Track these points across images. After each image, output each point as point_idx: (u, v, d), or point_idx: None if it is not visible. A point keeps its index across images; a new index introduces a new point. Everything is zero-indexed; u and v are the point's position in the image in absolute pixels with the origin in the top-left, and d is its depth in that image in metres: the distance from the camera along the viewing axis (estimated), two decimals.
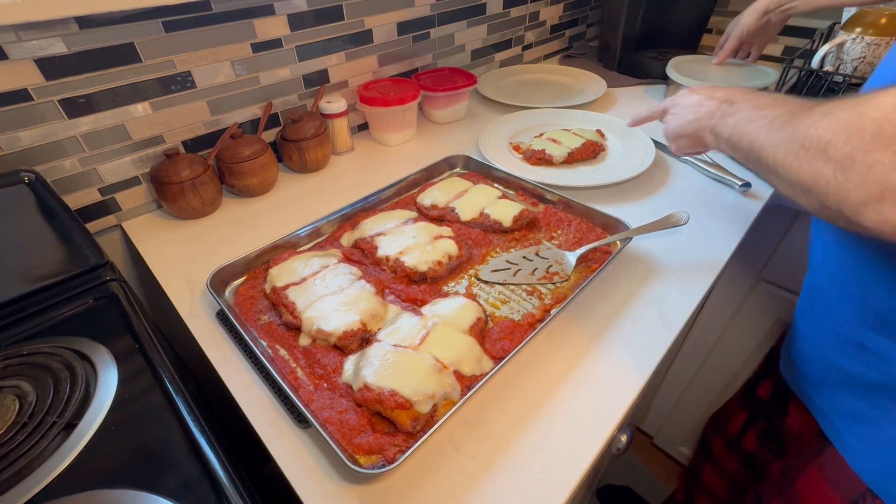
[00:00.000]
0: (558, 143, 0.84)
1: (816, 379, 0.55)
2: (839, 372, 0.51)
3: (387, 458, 0.41)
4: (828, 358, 0.52)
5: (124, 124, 0.68)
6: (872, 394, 0.47)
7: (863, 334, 0.46)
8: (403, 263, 0.59)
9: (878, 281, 0.43)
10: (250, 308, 0.56)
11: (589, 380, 0.49)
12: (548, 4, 1.27)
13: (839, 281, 0.49)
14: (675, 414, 1.25)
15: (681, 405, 1.22)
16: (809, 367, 0.56)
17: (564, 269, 0.61)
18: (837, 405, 0.52)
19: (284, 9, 0.76)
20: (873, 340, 0.45)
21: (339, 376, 0.48)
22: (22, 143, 0.60)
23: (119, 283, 0.61)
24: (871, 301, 0.45)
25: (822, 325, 0.53)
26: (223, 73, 0.74)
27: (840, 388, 0.51)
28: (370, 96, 0.87)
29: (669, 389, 1.21)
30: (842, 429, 0.51)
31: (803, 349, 0.57)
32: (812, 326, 0.55)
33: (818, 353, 0.54)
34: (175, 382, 0.48)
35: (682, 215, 0.62)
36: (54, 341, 0.51)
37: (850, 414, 0.50)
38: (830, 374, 0.52)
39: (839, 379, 0.51)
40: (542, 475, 0.41)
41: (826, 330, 0.52)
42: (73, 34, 0.59)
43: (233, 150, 0.73)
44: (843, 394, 0.51)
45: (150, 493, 0.39)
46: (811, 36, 1.11)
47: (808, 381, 0.57)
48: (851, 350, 0.48)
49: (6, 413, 0.44)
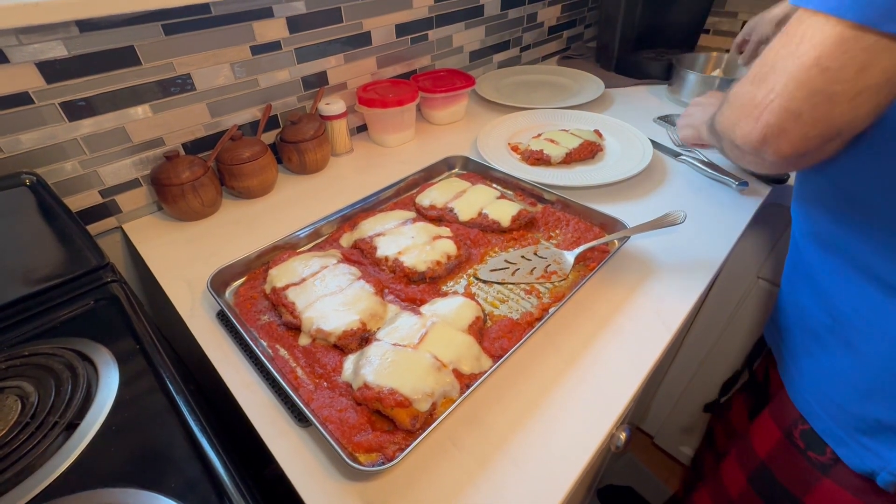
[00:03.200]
0: (556, 143, 0.85)
1: (785, 325, 0.59)
2: (800, 310, 0.56)
3: (386, 455, 0.41)
4: (796, 301, 0.57)
5: (124, 127, 0.68)
6: (823, 330, 0.52)
7: (817, 267, 0.52)
8: (402, 263, 0.60)
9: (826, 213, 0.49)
10: (250, 308, 0.56)
11: (587, 378, 0.49)
12: (546, 6, 1.27)
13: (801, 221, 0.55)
14: (676, 413, 1.25)
15: (681, 405, 1.22)
16: (782, 315, 0.61)
17: (562, 269, 0.61)
18: (794, 346, 0.57)
19: (283, 11, 0.76)
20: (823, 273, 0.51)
21: (339, 375, 0.48)
22: (23, 145, 0.60)
23: (120, 284, 0.61)
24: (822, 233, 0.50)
25: (795, 267, 0.58)
26: (223, 76, 0.74)
27: (799, 327, 0.56)
28: (369, 98, 0.87)
29: (669, 389, 1.22)
30: (791, 366, 0.57)
31: (781, 301, 0.62)
32: (789, 276, 0.60)
33: (790, 298, 0.59)
34: (176, 382, 0.48)
35: (678, 214, 0.62)
36: (56, 342, 0.52)
37: (800, 349, 0.56)
38: (795, 314, 0.57)
39: (800, 318, 0.56)
40: (540, 472, 0.41)
41: (795, 271, 0.57)
42: (73, 37, 0.59)
43: (232, 151, 0.74)
44: (803, 334, 0.56)
45: (152, 493, 0.39)
46: None
47: (779, 331, 0.61)
48: (811, 288, 0.53)
49: (9, 413, 0.44)
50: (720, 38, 1.36)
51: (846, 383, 0.49)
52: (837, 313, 0.49)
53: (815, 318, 0.53)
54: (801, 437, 0.55)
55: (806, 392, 0.54)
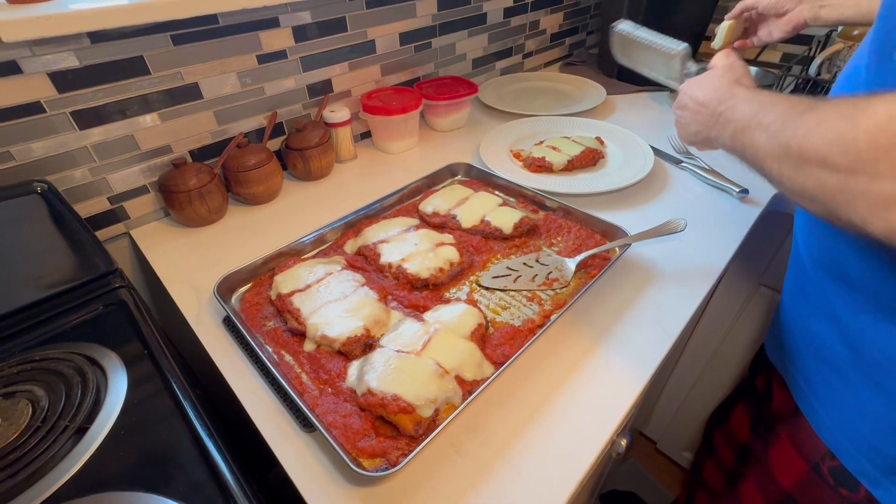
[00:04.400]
0: (558, 150, 0.85)
1: (794, 349, 0.57)
2: (814, 339, 0.52)
3: (390, 461, 0.41)
4: (808, 328, 0.53)
5: (133, 135, 0.69)
6: (838, 360, 0.48)
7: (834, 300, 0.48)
8: (406, 270, 0.60)
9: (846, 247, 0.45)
10: (256, 314, 0.57)
11: (588, 385, 0.50)
12: (548, 13, 1.29)
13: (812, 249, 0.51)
14: (678, 419, 1.25)
15: (683, 410, 1.22)
16: (789, 337, 0.58)
17: (564, 276, 0.62)
18: (809, 373, 0.54)
19: (289, 21, 0.78)
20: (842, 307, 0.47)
21: (344, 381, 0.49)
22: (35, 154, 0.62)
23: (128, 289, 0.62)
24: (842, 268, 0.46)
25: (804, 293, 0.54)
26: (229, 84, 0.76)
27: (814, 356, 0.53)
28: (373, 105, 0.89)
29: (672, 395, 1.22)
30: (809, 396, 0.54)
31: (786, 321, 0.59)
32: (794, 297, 0.57)
33: (798, 323, 0.56)
34: (183, 387, 0.49)
35: (679, 222, 0.63)
36: (66, 347, 0.53)
37: (818, 380, 0.52)
38: (807, 342, 0.54)
39: (814, 347, 0.52)
40: (541, 478, 0.42)
41: (805, 298, 0.54)
42: (85, 48, 0.60)
43: (239, 158, 0.75)
44: (813, 360, 0.53)
45: (159, 496, 0.40)
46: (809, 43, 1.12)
47: (787, 353, 0.59)
48: (828, 319, 0.49)
49: (20, 417, 0.45)
50: None
51: (880, 425, 0.46)
52: (860, 350, 0.46)
53: (833, 350, 0.49)
54: (830, 474, 0.51)
55: (833, 427, 0.51)
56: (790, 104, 0.38)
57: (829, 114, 0.33)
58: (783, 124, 0.37)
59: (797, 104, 0.37)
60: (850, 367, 0.47)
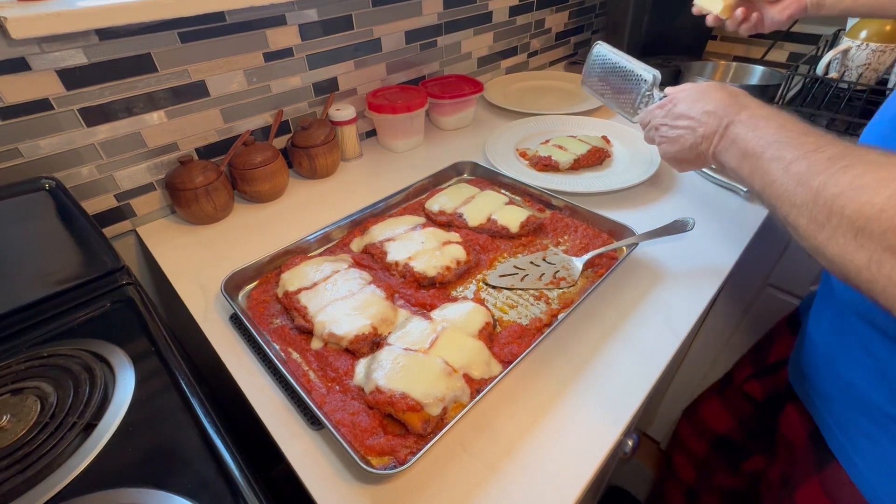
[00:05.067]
0: (564, 149, 0.85)
1: (827, 393, 0.53)
2: (851, 388, 0.48)
3: (398, 459, 0.41)
4: (841, 375, 0.50)
5: (140, 132, 0.69)
6: (885, 419, 0.45)
7: (879, 354, 0.44)
8: (413, 268, 0.60)
9: None
10: (263, 312, 0.57)
11: (596, 384, 0.49)
12: (553, 12, 1.28)
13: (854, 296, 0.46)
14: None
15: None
16: (819, 379, 0.54)
17: (571, 275, 0.61)
18: (845, 421, 0.50)
19: (296, 19, 0.78)
20: (888, 362, 0.43)
21: (351, 379, 0.49)
22: (42, 150, 0.62)
23: (135, 286, 0.62)
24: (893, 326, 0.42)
25: (840, 339, 0.50)
26: (236, 82, 0.76)
27: (850, 405, 0.49)
28: (378, 104, 0.88)
29: (676, 395, 1.21)
30: (846, 444, 0.50)
31: (815, 359, 0.55)
32: (827, 339, 0.53)
33: (831, 366, 0.52)
34: (190, 384, 0.49)
35: (687, 221, 0.63)
36: (73, 343, 0.53)
37: (857, 432, 0.48)
38: (841, 388, 0.50)
39: (851, 396, 0.49)
40: (549, 478, 0.42)
41: (842, 343, 0.50)
42: (93, 45, 0.60)
43: (245, 156, 0.75)
44: (853, 411, 0.48)
45: (167, 492, 0.40)
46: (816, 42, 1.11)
47: (816, 390, 0.55)
48: (870, 372, 0.45)
49: (28, 414, 0.45)
50: (728, 44, 1.36)
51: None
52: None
53: (874, 403, 0.45)
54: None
55: (876, 482, 0.46)
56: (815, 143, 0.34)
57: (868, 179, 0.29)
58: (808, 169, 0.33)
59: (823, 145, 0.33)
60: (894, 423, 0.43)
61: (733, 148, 0.43)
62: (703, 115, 0.48)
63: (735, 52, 1.35)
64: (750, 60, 1.21)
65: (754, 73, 1.08)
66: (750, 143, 0.41)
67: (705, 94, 0.50)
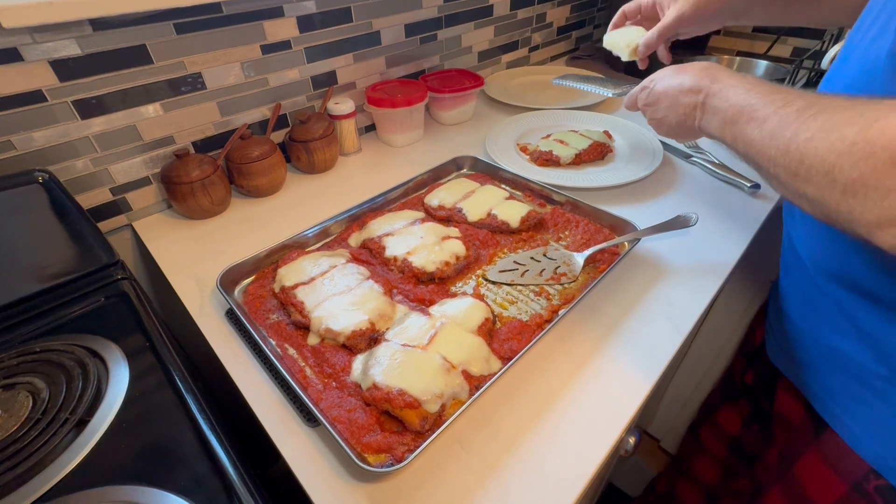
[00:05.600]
0: (566, 144, 0.84)
1: (811, 363, 0.54)
2: (833, 353, 0.49)
3: (395, 456, 0.41)
4: (821, 341, 0.51)
5: (135, 125, 0.68)
6: (872, 377, 0.46)
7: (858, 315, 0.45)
8: (411, 263, 0.60)
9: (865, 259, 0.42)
10: (259, 307, 0.57)
11: (597, 381, 0.49)
12: (555, 6, 1.27)
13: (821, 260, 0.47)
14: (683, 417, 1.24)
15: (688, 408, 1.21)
16: (801, 351, 0.55)
17: (572, 270, 0.61)
18: (831, 386, 0.51)
19: (294, 11, 0.77)
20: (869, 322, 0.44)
21: (348, 375, 0.48)
22: (36, 143, 0.61)
23: (130, 281, 0.61)
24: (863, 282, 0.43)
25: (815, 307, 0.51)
26: (233, 75, 0.74)
27: (835, 370, 0.50)
28: (378, 97, 0.87)
29: (677, 392, 1.20)
30: (837, 410, 0.50)
31: (792, 331, 0.56)
32: (802, 310, 0.54)
33: (812, 337, 0.53)
34: (185, 380, 0.48)
35: (690, 216, 0.62)
36: (67, 339, 0.52)
37: (846, 395, 0.49)
38: (823, 355, 0.51)
39: (834, 361, 0.50)
40: (550, 475, 0.41)
41: (817, 310, 0.51)
42: (86, 36, 0.59)
43: (242, 150, 0.74)
44: (839, 376, 0.49)
45: (160, 490, 0.39)
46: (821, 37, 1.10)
47: (801, 366, 0.56)
48: (850, 334, 0.47)
49: (20, 409, 0.44)
50: (731, 38, 1.34)
51: None
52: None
53: (864, 367, 0.46)
54: (877, 493, 0.48)
55: (874, 444, 0.47)
56: (784, 99, 0.36)
57: (836, 119, 0.31)
58: (780, 123, 0.35)
59: (792, 99, 0.36)
60: (887, 382, 0.44)
61: (714, 119, 0.45)
62: (679, 92, 0.50)
63: (738, 47, 1.33)
64: (754, 55, 1.20)
65: (758, 67, 1.07)
66: (727, 111, 0.42)
67: (680, 71, 0.51)
